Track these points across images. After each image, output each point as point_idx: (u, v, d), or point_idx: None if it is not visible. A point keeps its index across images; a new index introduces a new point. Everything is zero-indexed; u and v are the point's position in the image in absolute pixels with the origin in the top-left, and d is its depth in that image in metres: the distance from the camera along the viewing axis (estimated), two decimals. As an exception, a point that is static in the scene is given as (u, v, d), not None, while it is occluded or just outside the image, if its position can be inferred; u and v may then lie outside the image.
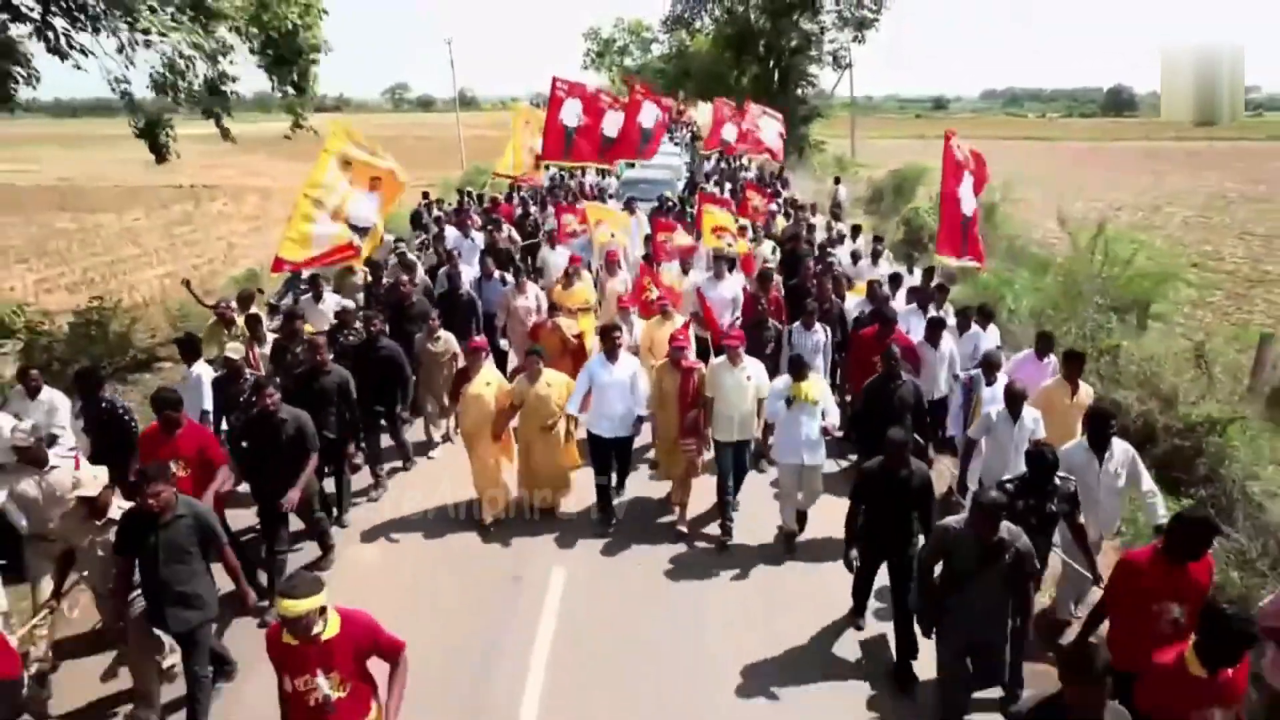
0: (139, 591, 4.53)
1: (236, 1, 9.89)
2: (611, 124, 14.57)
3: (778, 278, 9.73)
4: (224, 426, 6.74)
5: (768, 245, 11.81)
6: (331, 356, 6.96)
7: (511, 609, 5.93)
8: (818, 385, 6.60)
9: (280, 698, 3.57)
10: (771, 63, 35.53)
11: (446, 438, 8.68)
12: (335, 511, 6.97)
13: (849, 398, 8.18)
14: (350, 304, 8.97)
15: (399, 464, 8.05)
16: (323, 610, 3.44)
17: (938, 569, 4.57)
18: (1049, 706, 3.12)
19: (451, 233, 12.48)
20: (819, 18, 35.33)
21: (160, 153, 10.61)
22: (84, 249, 19.06)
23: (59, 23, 8.92)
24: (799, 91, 36.50)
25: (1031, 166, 31.01)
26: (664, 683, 5.17)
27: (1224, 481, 6.62)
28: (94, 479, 4.61)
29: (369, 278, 10.27)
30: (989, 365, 6.70)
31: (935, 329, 7.70)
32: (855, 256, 11.15)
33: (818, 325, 8.02)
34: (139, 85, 10.37)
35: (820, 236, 12.83)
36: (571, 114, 13.89)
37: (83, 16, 9.03)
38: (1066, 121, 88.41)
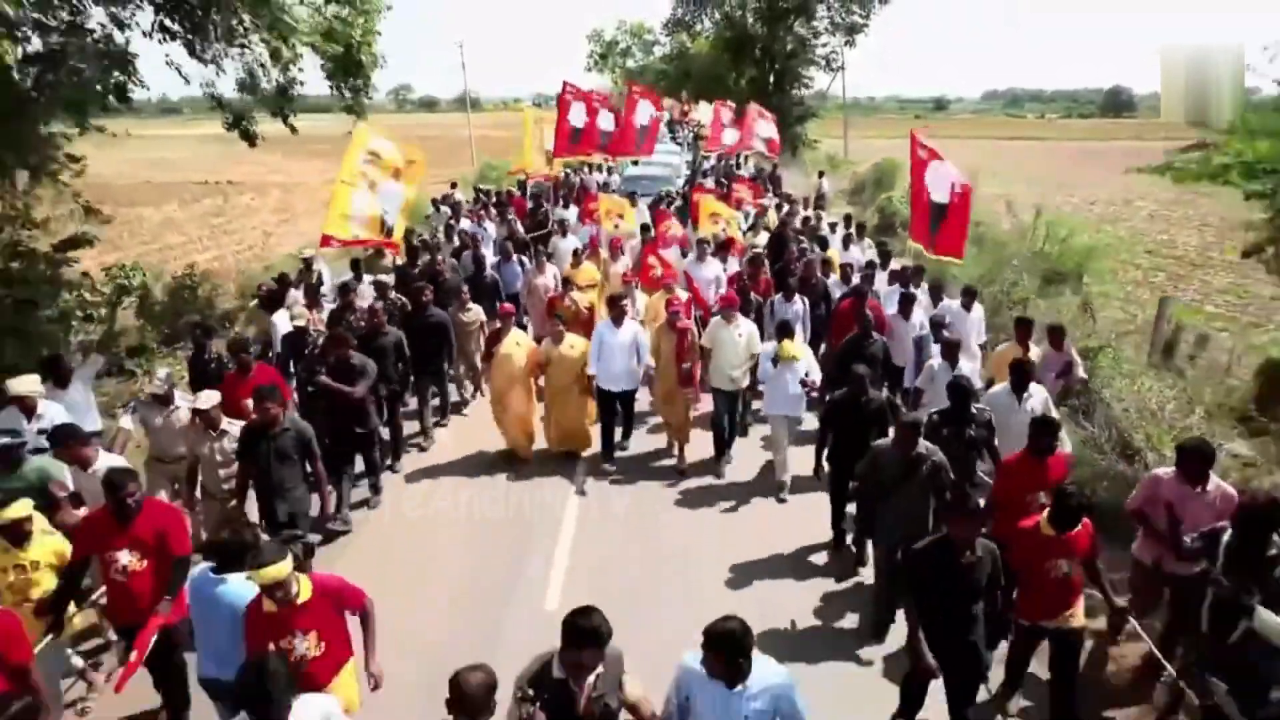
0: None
1: (310, 22, 11.39)
2: (605, 120, 15.60)
3: (766, 262, 10.77)
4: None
5: (763, 235, 12.90)
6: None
7: (538, 526, 7.03)
8: (800, 346, 7.60)
9: None
10: (767, 66, 36.78)
11: (477, 394, 9.74)
12: (390, 459, 8.00)
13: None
14: (385, 278, 10.00)
15: (438, 419, 9.09)
16: (294, 576, 3.68)
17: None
18: (939, 543, 4.23)
19: (465, 223, 13.65)
20: (812, 23, 36.60)
21: (251, 140, 12.27)
22: (134, 238, 20.10)
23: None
24: (793, 93, 37.68)
25: (1026, 165, 31.97)
26: (661, 574, 6.29)
27: (1090, 393, 7.98)
28: (208, 398, 5.77)
29: (396, 260, 11.39)
30: (935, 325, 7.79)
31: (906, 303, 8.57)
32: (846, 241, 12.18)
33: (797, 297, 9.03)
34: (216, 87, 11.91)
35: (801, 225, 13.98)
36: (578, 116, 15.01)
37: (197, 37, 10.62)
38: (1065, 122, 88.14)
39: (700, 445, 8.23)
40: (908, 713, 4.62)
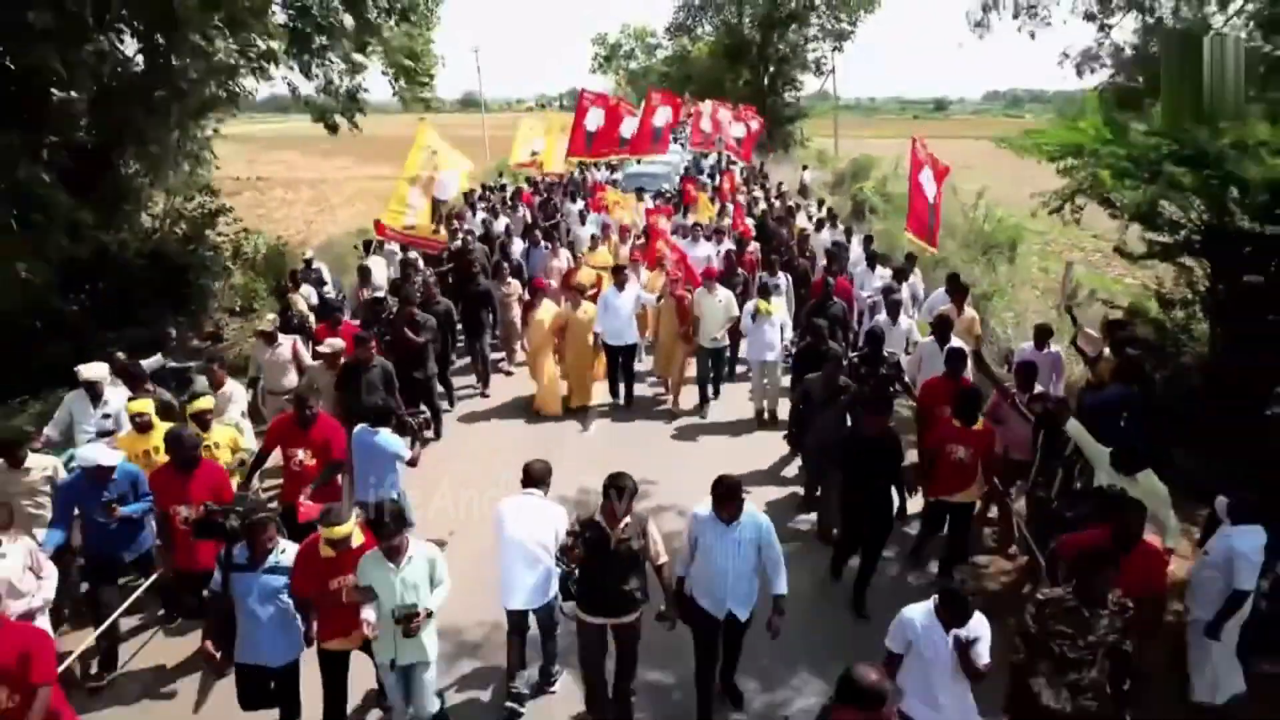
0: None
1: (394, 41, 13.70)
2: (628, 127, 16.83)
3: (755, 245, 12.21)
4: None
5: (750, 221, 14.40)
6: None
7: (556, 449, 8.27)
8: (776, 303, 9.13)
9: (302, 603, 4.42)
10: (762, 69, 38.46)
11: (514, 355, 11.11)
12: (447, 403, 9.55)
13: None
14: (415, 255, 11.19)
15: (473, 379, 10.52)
16: (354, 531, 4.32)
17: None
18: (854, 436, 5.75)
19: (481, 215, 15.07)
20: (803, 30, 38.32)
21: (334, 130, 14.33)
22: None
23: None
24: (785, 94, 39.34)
25: (1016, 165, 33.14)
26: (655, 475, 7.67)
27: (987, 326, 9.75)
28: (332, 345, 7.34)
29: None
30: (887, 291, 9.28)
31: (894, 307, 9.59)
32: (820, 225, 13.89)
33: (780, 273, 10.51)
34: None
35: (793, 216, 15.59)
36: (594, 120, 16.13)
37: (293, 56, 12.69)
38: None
39: (689, 396, 9.80)
40: (840, 559, 6.17)
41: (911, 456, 6.55)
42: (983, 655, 3.82)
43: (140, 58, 10.60)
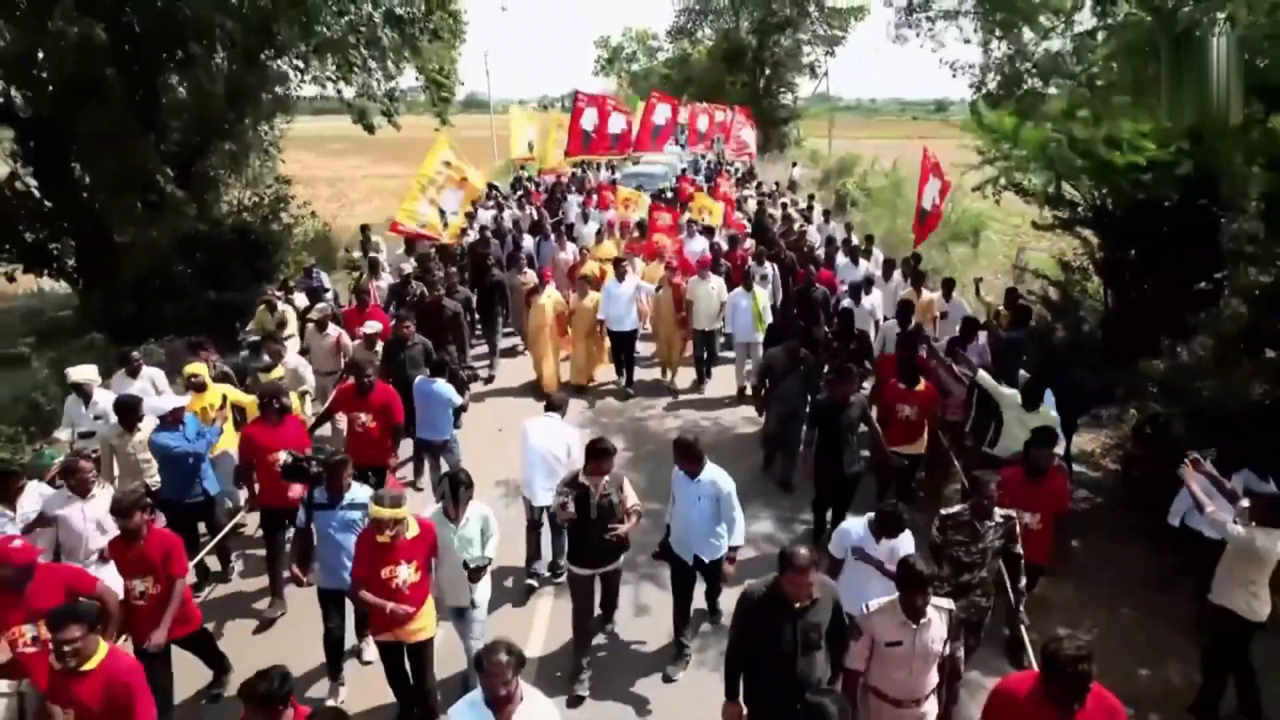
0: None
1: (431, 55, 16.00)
2: (616, 124, 17.32)
3: (750, 241, 12.98)
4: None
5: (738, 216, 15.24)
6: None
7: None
8: (762, 295, 9.81)
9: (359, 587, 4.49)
10: (758, 72, 39.38)
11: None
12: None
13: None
14: (431, 251, 12.04)
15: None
16: (404, 519, 4.38)
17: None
18: (825, 402, 6.52)
19: (490, 211, 15.69)
20: (797, 35, 39.33)
21: (371, 130, 15.85)
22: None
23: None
24: (780, 97, 40.38)
25: None
26: (657, 438, 8.64)
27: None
28: (371, 327, 8.14)
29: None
30: (867, 282, 10.14)
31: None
32: (806, 216, 15.00)
33: (767, 263, 11.20)
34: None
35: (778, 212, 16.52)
36: (589, 120, 16.78)
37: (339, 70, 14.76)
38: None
39: (684, 376, 10.65)
40: (818, 520, 6.83)
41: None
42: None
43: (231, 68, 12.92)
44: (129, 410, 6.07)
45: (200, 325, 10.29)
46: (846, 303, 9.52)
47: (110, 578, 4.69)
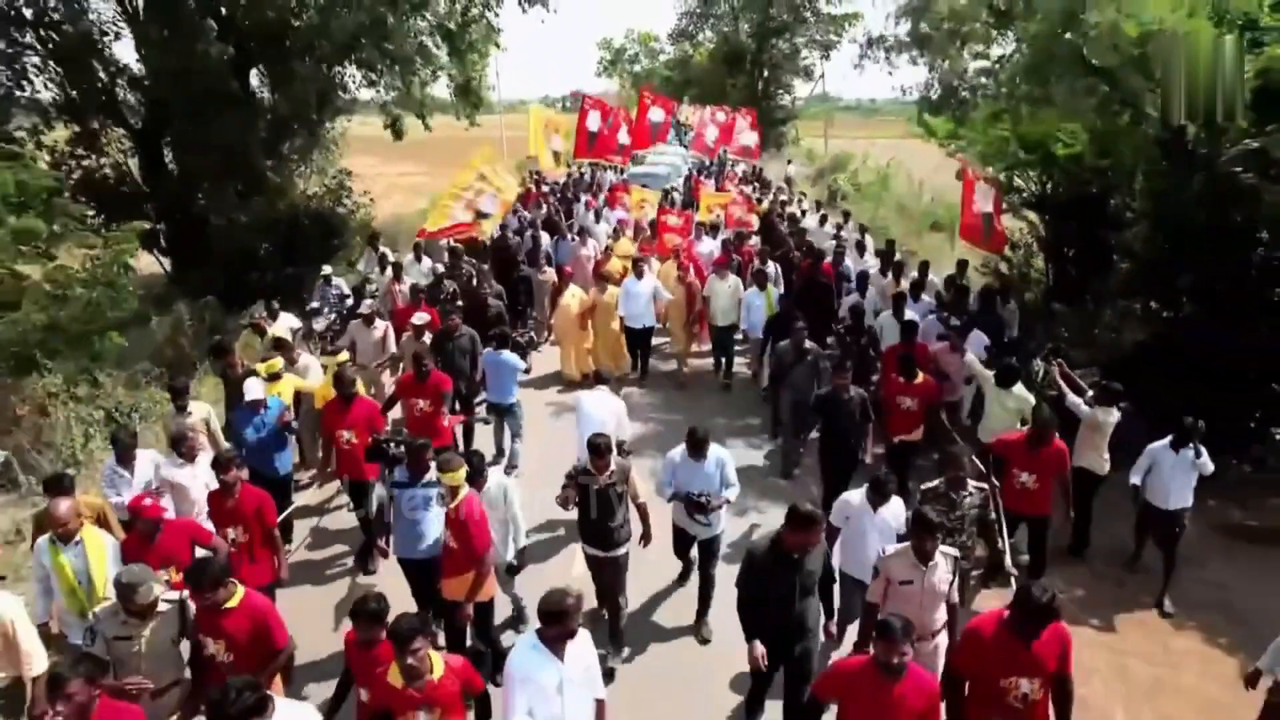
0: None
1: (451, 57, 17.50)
2: (624, 134, 17.42)
3: (756, 239, 13.42)
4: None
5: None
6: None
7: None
8: (773, 293, 10.17)
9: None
10: (757, 75, 40.00)
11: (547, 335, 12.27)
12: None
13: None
14: (460, 248, 12.18)
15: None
16: (455, 489, 4.79)
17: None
18: (831, 391, 7.02)
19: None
20: (794, 40, 40.04)
21: (400, 135, 18.33)
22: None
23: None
24: (778, 99, 41.00)
25: None
26: (665, 430, 9.07)
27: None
28: (421, 318, 8.63)
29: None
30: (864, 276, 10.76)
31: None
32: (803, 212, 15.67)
33: (770, 263, 11.51)
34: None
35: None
36: (594, 121, 16.72)
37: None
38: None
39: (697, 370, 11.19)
40: (827, 500, 6.73)
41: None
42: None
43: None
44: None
45: (278, 294, 11.50)
46: (854, 297, 10.08)
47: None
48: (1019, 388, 7.00)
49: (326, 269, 11.23)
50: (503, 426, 8.45)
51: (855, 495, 5.32)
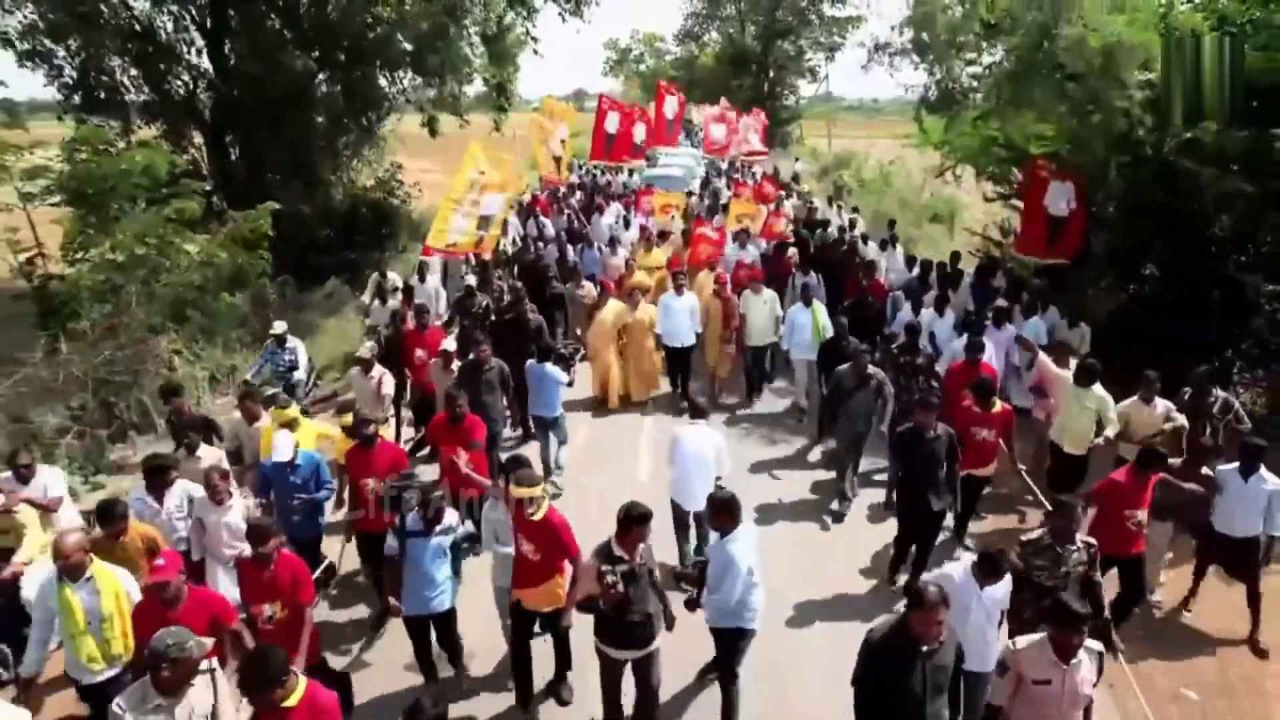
0: None
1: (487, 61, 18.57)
2: (640, 132, 16.85)
3: (793, 250, 12.25)
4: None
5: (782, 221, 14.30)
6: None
7: (627, 435, 9.04)
8: (821, 311, 9.15)
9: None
10: (762, 76, 39.23)
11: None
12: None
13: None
14: (489, 259, 11.48)
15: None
16: (536, 500, 4.55)
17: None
18: (912, 428, 5.92)
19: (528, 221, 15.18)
20: (799, 42, 39.31)
21: (435, 133, 18.54)
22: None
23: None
24: (783, 99, 40.15)
25: None
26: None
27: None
28: (449, 343, 7.95)
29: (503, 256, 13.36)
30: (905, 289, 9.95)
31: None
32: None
33: (811, 273, 10.55)
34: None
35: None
36: (612, 123, 16.06)
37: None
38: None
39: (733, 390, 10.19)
40: (899, 555, 6.30)
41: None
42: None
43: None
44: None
45: (339, 274, 13.47)
46: (906, 311, 9.25)
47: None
48: (1098, 387, 6.42)
49: (279, 326, 8.55)
50: (548, 441, 7.95)
51: (956, 570, 4.34)
